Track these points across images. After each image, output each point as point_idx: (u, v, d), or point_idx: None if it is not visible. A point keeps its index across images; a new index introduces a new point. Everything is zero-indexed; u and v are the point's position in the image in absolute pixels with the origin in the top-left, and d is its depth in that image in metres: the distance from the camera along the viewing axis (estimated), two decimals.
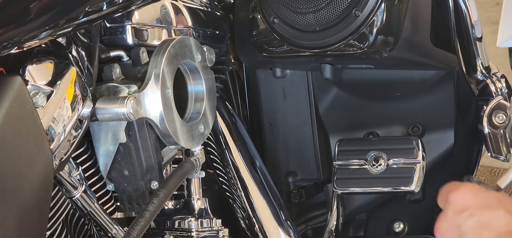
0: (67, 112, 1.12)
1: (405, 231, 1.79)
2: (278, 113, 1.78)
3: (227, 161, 1.63)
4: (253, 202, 1.62)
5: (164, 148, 1.34)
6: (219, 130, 1.62)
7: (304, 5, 1.50)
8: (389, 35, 1.51)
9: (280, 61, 1.66)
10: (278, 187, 1.73)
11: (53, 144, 1.09)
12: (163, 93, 1.27)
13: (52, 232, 1.21)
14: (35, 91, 1.06)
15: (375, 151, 1.63)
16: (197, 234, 1.46)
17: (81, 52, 1.21)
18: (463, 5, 1.70)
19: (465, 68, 1.74)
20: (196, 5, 1.53)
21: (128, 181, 1.31)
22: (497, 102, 1.69)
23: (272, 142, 1.80)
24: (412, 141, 1.63)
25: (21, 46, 1.02)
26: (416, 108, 1.75)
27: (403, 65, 1.64)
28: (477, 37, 1.75)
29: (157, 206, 1.25)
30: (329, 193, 1.80)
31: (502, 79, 1.79)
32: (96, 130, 1.29)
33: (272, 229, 1.61)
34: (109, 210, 1.35)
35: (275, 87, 1.77)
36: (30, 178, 1.02)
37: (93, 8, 1.10)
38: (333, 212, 1.69)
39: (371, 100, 1.77)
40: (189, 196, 1.48)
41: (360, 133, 1.78)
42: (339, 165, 1.65)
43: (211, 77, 1.43)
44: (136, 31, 1.33)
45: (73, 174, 1.24)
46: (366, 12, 1.48)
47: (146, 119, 1.27)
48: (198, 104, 1.40)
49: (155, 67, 1.27)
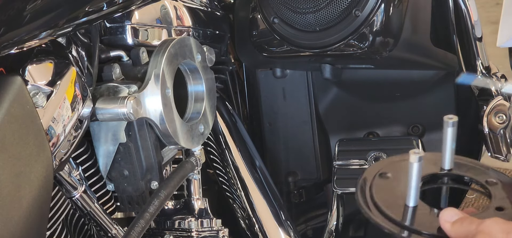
0: (67, 112, 1.12)
1: None
2: (278, 113, 1.78)
3: (227, 161, 1.63)
4: (253, 202, 1.62)
5: (164, 148, 1.34)
6: (219, 130, 1.62)
7: (304, 5, 1.50)
8: (389, 35, 1.51)
9: (280, 61, 1.66)
10: (278, 187, 1.73)
11: (53, 144, 1.09)
12: (163, 93, 1.27)
13: (52, 232, 1.21)
14: (35, 91, 1.06)
15: (375, 151, 1.63)
16: (197, 234, 1.46)
17: (81, 52, 1.21)
18: (463, 5, 1.70)
19: (465, 68, 1.74)
20: (196, 5, 1.53)
21: (128, 181, 1.31)
22: (497, 102, 1.69)
23: (272, 142, 1.80)
24: (412, 141, 1.63)
25: (21, 46, 1.02)
26: (416, 108, 1.75)
27: (403, 65, 1.64)
28: (477, 37, 1.75)
29: (157, 206, 1.25)
30: (329, 193, 1.80)
31: (502, 79, 1.79)
32: (96, 130, 1.29)
33: (272, 229, 1.61)
34: (109, 210, 1.35)
35: (275, 87, 1.77)
36: (30, 178, 1.02)
37: (93, 8, 1.10)
38: (333, 212, 1.69)
39: (371, 100, 1.77)
40: (189, 196, 1.48)
41: (360, 133, 1.78)
42: (339, 165, 1.65)
43: (211, 77, 1.43)
44: (136, 31, 1.32)
45: (73, 174, 1.24)
46: (366, 12, 1.48)
47: (146, 119, 1.27)
48: (198, 104, 1.40)
49: (155, 67, 1.27)
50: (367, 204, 0.92)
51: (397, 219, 0.89)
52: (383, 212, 0.90)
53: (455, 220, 0.89)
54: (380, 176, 0.96)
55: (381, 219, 0.90)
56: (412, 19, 1.53)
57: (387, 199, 0.92)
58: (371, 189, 0.94)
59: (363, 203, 0.92)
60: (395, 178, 0.96)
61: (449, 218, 0.89)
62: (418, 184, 0.90)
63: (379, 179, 0.96)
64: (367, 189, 0.94)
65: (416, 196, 0.90)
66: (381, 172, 0.96)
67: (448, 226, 0.89)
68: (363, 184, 0.95)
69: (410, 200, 0.90)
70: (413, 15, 1.53)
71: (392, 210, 0.90)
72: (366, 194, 0.93)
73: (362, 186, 0.95)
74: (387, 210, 0.90)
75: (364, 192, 0.93)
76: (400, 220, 0.89)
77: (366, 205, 0.92)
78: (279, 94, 1.77)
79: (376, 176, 0.96)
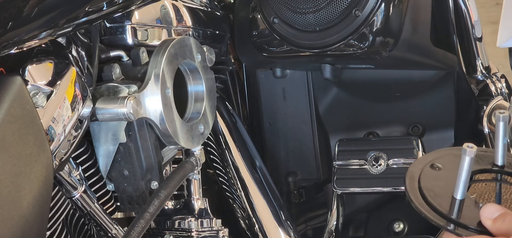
0: (67, 112, 1.12)
1: (405, 231, 1.79)
2: (278, 113, 1.78)
3: (227, 161, 1.62)
4: (253, 202, 1.62)
5: (164, 148, 1.34)
6: (219, 130, 1.62)
7: (304, 5, 1.50)
8: (389, 35, 1.51)
9: (280, 61, 1.66)
10: (278, 187, 1.73)
11: (53, 144, 1.09)
12: (163, 93, 1.27)
13: (52, 232, 1.21)
14: (35, 91, 1.06)
15: (375, 151, 1.63)
16: (197, 234, 1.46)
17: (81, 52, 1.21)
18: (463, 5, 1.70)
19: (465, 68, 1.74)
20: (196, 5, 1.53)
21: (128, 181, 1.31)
22: (497, 102, 1.69)
23: (272, 142, 1.80)
24: (412, 141, 1.63)
25: (21, 46, 1.02)
26: (416, 108, 1.75)
27: (403, 65, 1.64)
28: (477, 37, 1.75)
29: (157, 206, 1.25)
30: (329, 193, 1.80)
31: (502, 79, 1.79)
32: (96, 130, 1.29)
33: (272, 229, 1.61)
34: (109, 210, 1.35)
35: (275, 87, 1.77)
36: (30, 178, 1.02)
37: (93, 8, 1.10)
38: (333, 212, 1.69)
39: (371, 100, 1.77)
40: (189, 196, 1.48)
41: (360, 133, 1.78)
42: (339, 165, 1.65)
43: (211, 77, 1.43)
44: (136, 31, 1.32)
45: (73, 174, 1.24)
46: (366, 12, 1.48)
47: (146, 119, 1.27)
48: (198, 104, 1.40)
49: (155, 67, 1.27)
50: (414, 193, 0.92)
51: (442, 210, 0.89)
52: (429, 202, 0.90)
53: (496, 216, 0.88)
54: (431, 167, 0.96)
55: (426, 209, 0.90)
56: (412, 19, 1.53)
57: (434, 190, 0.92)
58: (420, 178, 0.94)
59: (411, 191, 0.92)
60: (446, 170, 0.95)
61: (490, 215, 0.88)
62: (468, 178, 0.89)
63: (429, 169, 0.95)
64: (416, 178, 0.94)
65: (464, 190, 0.90)
66: (432, 163, 0.96)
67: (489, 222, 0.88)
68: (413, 173, 0.95)
69: (458, 193, 0.90)
70: (413, 15, 1.53)
71: (439, 201, 0.90)
72: (414, 183, 0.93)
73: (412, 174, 0.95)
74: (433, 200, 0.90)
75: (413, 181, 0.93)
76: (445, 212, 0.89)
77: (414, 194, 0.92)
78: (279, 94, 1.77)
79: (426, 166, 0.96)
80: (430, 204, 0.90)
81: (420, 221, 1.78)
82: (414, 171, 0.95)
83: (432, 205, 0.90)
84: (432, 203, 0.90)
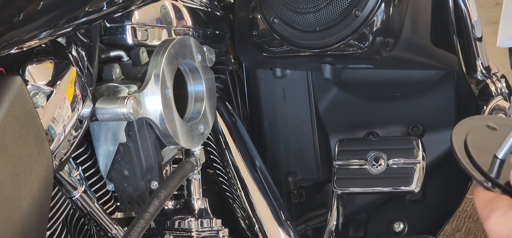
0: (67, 112, 1.12)
1: (405, 231, 1.79)
2: (278, 113, 1.78)
3: (227, 161, 1.62)
4: (253, 202, 1.62)
5: (164, 148, 1.34)
6: (219, 130, 1.62)
7: (304, 5, 1.50)
8: (389, 35, 1.51)
9: (280, 61, 1.66)
10: (278, 187, 1.72)
11: (53, 144, 1.09)
12: (163, 93, 1.27)
13: (52, 232, 1.21)
14: (35, 91, 1.06)
15: (375, 151, 1.63)
16: (197, 234, 1.46)
17: (81, 52, 1.21)
18: (463, 5, 1.70)
19: (465, 68, 1.74)
20: (196, 5, 1.53)
21: (128, 181, 1.31)
22: (497, 102, 1.69)
23: (272, 142, 1.80)
24: (412, 141, 1.63)
25: (21, 46, 1.02)
26: (416, 108, 1.75)
27: (403, 65, 1.64)
28: (477, 37, 1.75)
29: (157, 206, 1.25)
30: (329, 193, 1.80)
31: (502, 79, 1.79)
32: (96, 130, 1.29)
33: (272, 229, 1.61)
34: (109, 210, 1.35)
35: (275, 87, 1.77)
36: (30, 178, 1.02)
37: (93, 8, 1.10)
38: (333, 212, 1.69)
39: (371, 100, 1.77)
40: (189, 196, 1.48)
41: (360, 133, 1.78)
42: (339, 165, 1.65)
43: (211, 77, 1.43)
44: (136, 31, 1.32)
45: (73, 174, 1.24)
46: (366, 12, 1.48)
47: (146, 119, 1.27)
48: (198, 104, 1.40)
49: (155, 67, 1.27)
50: (459, 148, 0.94)
51: (482, 166, 0.91)
52: (472, 157, 0.92)
53: None
54: (479, 127, 0.98)
55: (466, 162, 0.92)
56: (412, 19, 1.53)
57: (480, 147, 0.93)
58: (467, 135, 0.95)
59: (457, 145, 0.94)
60: (497, 132, 0.97)
61: None
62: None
63: (480, 128, 0.98)
64: (464, 133, 0.96)
65: (507, 152, 0.91)
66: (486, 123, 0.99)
67: None
68: (461, 129, 0.97)
69: (501, 153, 0.91)
70: (413, 15, 1.53)
71: (481, 158, 0.92)
72: (462, 136, 0.95)
73: (460, 130, 0.96)
74: (476, 156, 0.92)
75: (459, 137, 0.95)
76: (485, 168, 0.91)
77: (459, 149, 0.94)
78: (279, 94, 1.77)
79: (481, 122, 0.99)
80: (470, 155, 0.92)
81: (420, 221, 1.78)
82: (463, 128, 0.97)
83: (472, 157, 0.92)
84: (472, 155, 0.92)
